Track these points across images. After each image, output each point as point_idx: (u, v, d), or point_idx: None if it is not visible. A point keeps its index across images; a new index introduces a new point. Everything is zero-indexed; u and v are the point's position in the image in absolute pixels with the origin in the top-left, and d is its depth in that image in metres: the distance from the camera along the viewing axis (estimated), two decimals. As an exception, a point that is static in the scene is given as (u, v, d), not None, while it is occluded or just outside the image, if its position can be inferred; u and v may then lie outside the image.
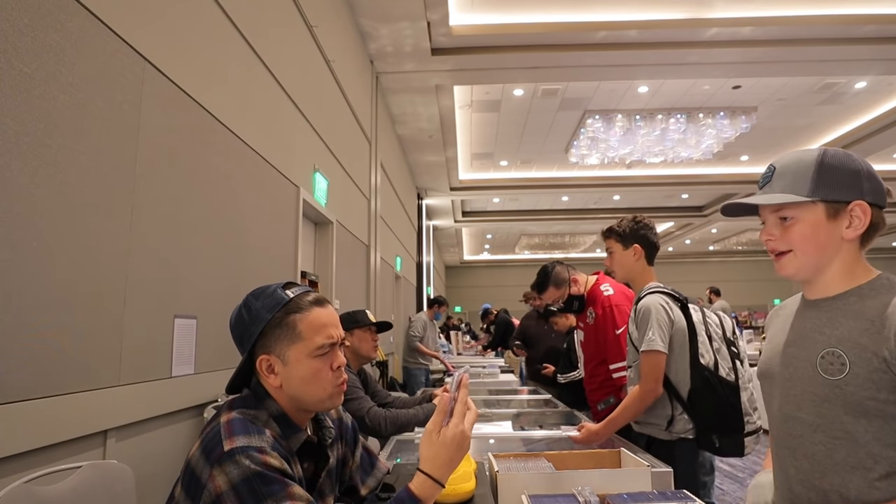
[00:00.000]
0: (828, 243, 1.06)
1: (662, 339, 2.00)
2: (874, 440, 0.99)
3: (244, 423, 1.00)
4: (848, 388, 1.00)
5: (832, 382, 1.02)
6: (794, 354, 1.11)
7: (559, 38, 5.34)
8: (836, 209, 1.04)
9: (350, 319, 2.38)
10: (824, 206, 1.05)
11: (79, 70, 1.44)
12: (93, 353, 1.48)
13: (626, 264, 2.30)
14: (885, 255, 19.40)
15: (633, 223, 2.31)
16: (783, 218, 1.08)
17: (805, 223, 1.06)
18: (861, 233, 1.05)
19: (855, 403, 0.99)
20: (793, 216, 1.07)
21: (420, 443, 1.08)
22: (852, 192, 1.04)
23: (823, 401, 1.03)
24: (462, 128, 7.97)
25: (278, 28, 2.96)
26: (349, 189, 4.61)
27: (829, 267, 1.08)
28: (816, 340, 1.07)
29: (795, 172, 1.07)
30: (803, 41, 5.35)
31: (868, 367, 0.98)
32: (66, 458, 1.37)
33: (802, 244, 1.07)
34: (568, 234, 16.61)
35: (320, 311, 1.10)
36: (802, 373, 1.08)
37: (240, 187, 2.42)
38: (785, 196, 1.06)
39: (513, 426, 2.71)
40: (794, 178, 1.07)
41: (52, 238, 1.35)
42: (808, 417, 1.06)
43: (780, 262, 1.10)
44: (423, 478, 1.02)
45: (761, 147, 9.18)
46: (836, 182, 1.04)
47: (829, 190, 1.04)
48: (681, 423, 2.00)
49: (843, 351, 1.02)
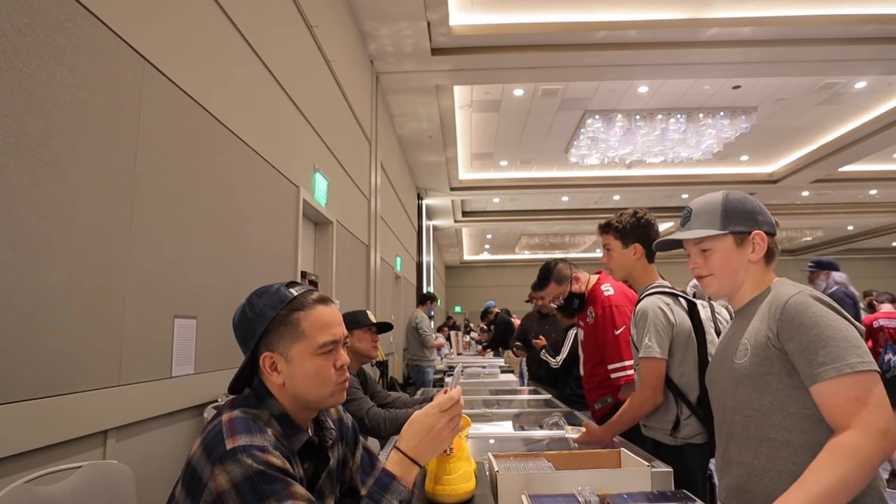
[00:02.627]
0: (738, 266, 1.33)
1: (660, 344, 1.94)
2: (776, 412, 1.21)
3: (246, 422, 1.00)
4: (751, 368, 1.23)
5: (740, 366, 1.26)
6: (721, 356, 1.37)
7: (559, 38, 5.34)
8: (742, 238, 1.32)
9: (350, 319, 2.38)
10: (732, 237, 1.32)
11: (79, 70, 1.44)
12: (93, 353, 1.48)
13: (625, 264, 2.21)
14: (886, 255, 19.41)
15: (635, 219, 2.18)
16: (704, 250, 1.35)
17: (720, 251, 1.33)
18: (762, 255, 1.32)
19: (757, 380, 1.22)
20: (710, 247, 1.34)
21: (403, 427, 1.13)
22: (751, 224, 1.32)
23: (737, 384, 1.27)
24: (462, 128, 7.97)
25: (278, 28, 2.96)
26: (349, 189, 4.61)
27: (742, 284, 1.35)
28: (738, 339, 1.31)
29: (707, 212, 1.35)
30: (803, 41, 5.36)
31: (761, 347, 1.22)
32: (66, 458, 1.37)
33: (719, 268, 1.34)
34: (568, 234, 16.60)
35: (324, 309, 1.10)
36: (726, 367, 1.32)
37: (240, 187, 2.42)
38: (703, 231, 1.34)
39: (513, 426, 2.71)
40: (707, 217, 1.34)
41: (52, 238, 1.35)
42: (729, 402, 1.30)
43: (703, 283, 1.37)
44: (398, 455, 1.09)
45: (761, 147, 9.18)
46: (738, 217, 1.32)
47: (734, 224, 1.32)
48: (688, 428, 1.93)
49: (747, 340, 1.27)
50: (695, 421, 1.93)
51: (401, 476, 1.06)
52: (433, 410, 1.12)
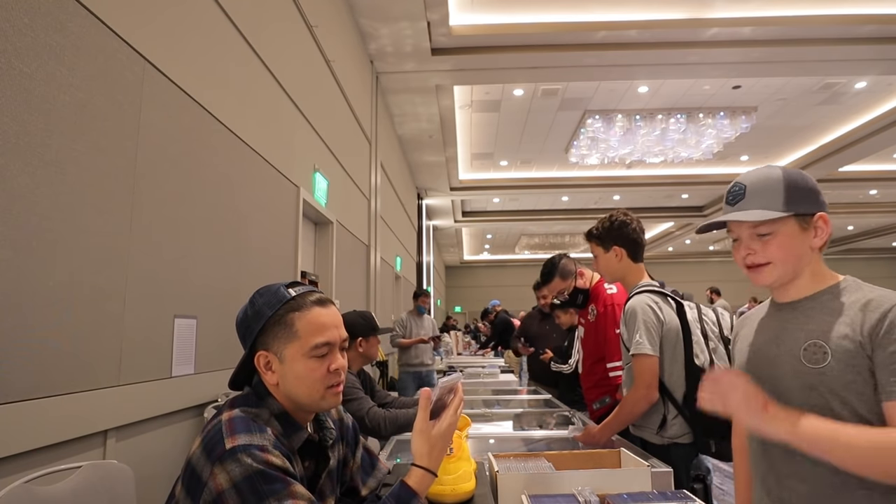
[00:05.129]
0: (802, 253, 1.17)
1: (651, 341, 1.93)
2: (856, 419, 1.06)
3: (246, 422, 1.00)
4: (832, 374, 1.08)
5: (817, 370, 1.10)
6: (777, 352, 1.19)
7: (559, 38, 5.34)
8: (807, 221, 1.16)
9: (368, 326, 2.40)
10: (796, 219, 1.16)
11: (79, 70, 1.44)
12: (93, 353, 1.48)
13: (609, 267, 2.24)
14: (886, 255, 19.41)
15: (609, 223, 2.20)
16: (761, 234, 1.17)
17: (783, 236, 1.16)
18: (825, 240, 1.18)
19: (839, 388, 1.07)
20: (771, 230, 1.16)
21: (412, 441, 1.12)
22: (815, 206, 1.17)
23: (811, 389, 1.11)
24: (462, 128, 7.97)
25: (278, 28, 2.96)
26: (349, 189, 4.61)
27: (803, 273, 1.19)
28: (797, 336, 1.15)
29: (768, 190, 1.17)
30: (803, 41, 5.36)
31: (847, 354, 1.07)
32: (66, 458, 1.37)
33: (782, 255, 1.17)
34: (568, 234, 16.61)
35: (321, 310, 1.09)
36: (788, 367, 1.15)
37: (240, 187, 2.42)
38: (765, 213, 1.15)
39: (513, 426, 2.71)
40: (768, 197, 1.16)
41: (52, 238, 1.35)
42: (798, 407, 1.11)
43: (759, 273, 1.19)
44: (420, 472, 1.07)
45: (761, 147, 9.18)
46: (802, 197, 1.16)
47: (799, 204, 1.15)
48: (674, 428, 1.93)
49: (824, 342, 1.10)
50: (681, 421, 1.93)
51: (421, 493, 1.06)
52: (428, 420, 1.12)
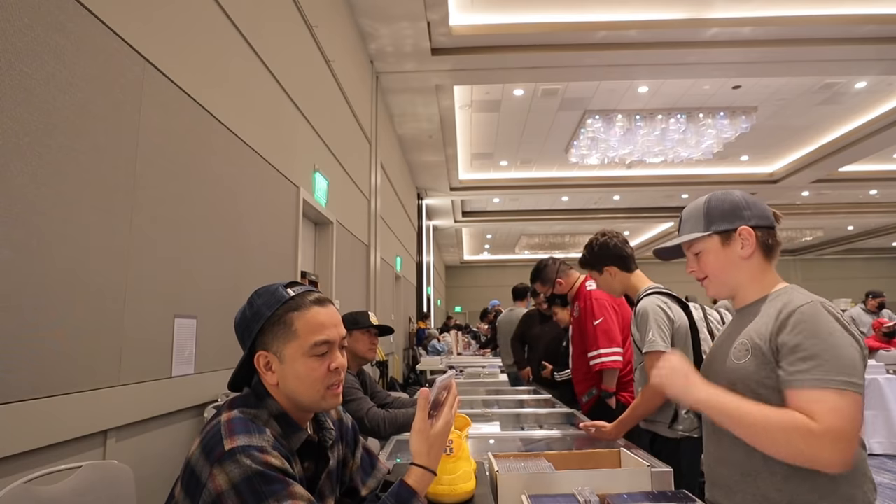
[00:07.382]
0: (728, 265, 1.32)
1: (663, 338, 2.02)
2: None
3: (245, 423, 1.00)
4: (749, 370, 1.21)
5: (739, 366, 1.24)
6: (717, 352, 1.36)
7: (559, 38, 5.34)
8: (727, 236, 1.31)
9: (349, 320, 2.38)
10: (718, 236, 1.32)
11: (79, 70, 1.44)
12: (93, 353, 1.48)
13: (610, 286, 2.37)
14: (886, 255, 19.41)
15: (592, 249, 2.35)
16: (696, 253, 1.36)
17: (709, 252, 1.34)
18: (752, 251, 1.29)
19: (755, 383, 1.20)
20: (700, 249, 1.35)
21: (411, 440, 1.12)
22: (734, 220, 1.30)
23: (734, 384, 1.23)
24: (462, 128, 7.97)
25: (278, 28, 2.96)
26: (349, 189, 4.61)
27: (741, 282, 1.33)
28: (735, 338, 1.29)
29: (693, 216, 1.36)
30: (803, 41, 5.36)
31: (760, 352, 1.20)
32: (66, 458, 1.37)
33: (712, 269, 1.34)
34: (568, 234, 16.61)
35: (319, 310, 1.09)
36: (720, 364, 1.31)
37: (240, 187, 2.42)
38: (688, 235, 1.36)
39: (513, 426, 2.71)
40: (693, 221, 1.36)
41: (52, 238, 1.35)
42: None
43: (705, 286, 1.38)
44: (420, 471, 1.08)
45: (761, 147, 9.18)
46: (719, 216, 1.32)
47: (717, 223, 1.32)
48: (686, 422, 2.01)
49: (747, 340, 1.24)
50: (692, 415, 2.01)
51: (421, 492, 1.07)
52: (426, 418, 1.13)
